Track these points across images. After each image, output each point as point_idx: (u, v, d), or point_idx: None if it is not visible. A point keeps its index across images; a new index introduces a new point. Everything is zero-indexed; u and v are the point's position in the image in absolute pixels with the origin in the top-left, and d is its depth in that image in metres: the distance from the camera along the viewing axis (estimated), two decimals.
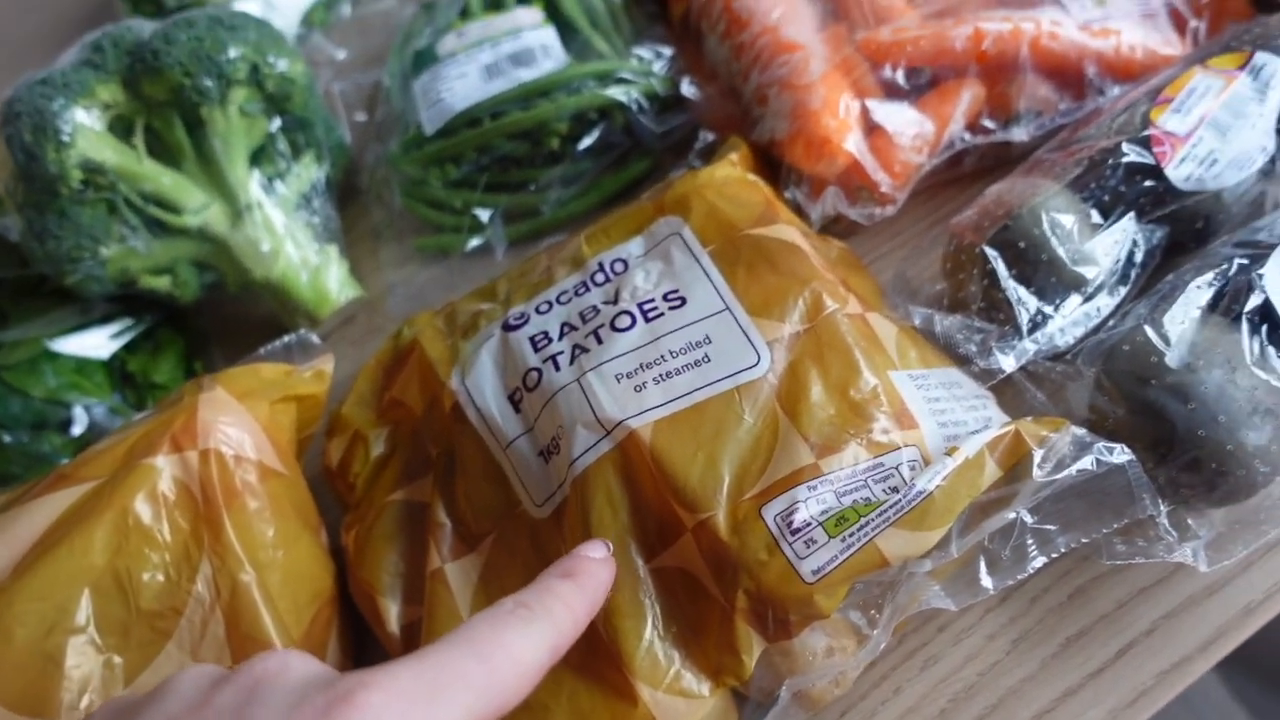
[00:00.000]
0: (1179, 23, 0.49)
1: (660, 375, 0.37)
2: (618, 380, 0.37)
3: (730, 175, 0.45)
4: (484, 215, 0.55)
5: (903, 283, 0.45)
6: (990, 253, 0.40)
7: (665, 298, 0.40)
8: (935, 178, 0.50)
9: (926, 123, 0.47)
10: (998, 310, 0.40)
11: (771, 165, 0.50)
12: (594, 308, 0.41)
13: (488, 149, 0.55)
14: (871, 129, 0.47)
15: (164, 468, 0.36)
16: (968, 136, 0.48)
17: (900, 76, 0.48)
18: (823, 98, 0.46)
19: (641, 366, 0.38)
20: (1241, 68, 0.42)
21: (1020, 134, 0.48)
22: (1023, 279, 0.40)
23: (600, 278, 0.42)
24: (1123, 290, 0.41)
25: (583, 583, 0.30)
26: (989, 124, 0.49)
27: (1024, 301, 0.39)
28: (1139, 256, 0.41)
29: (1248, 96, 0.41)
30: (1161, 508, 0.35)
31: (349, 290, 0.54)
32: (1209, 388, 0.35)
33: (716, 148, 0.52)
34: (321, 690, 0.22)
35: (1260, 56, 0.41)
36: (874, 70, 0.48)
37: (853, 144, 0.46)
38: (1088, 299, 0.40)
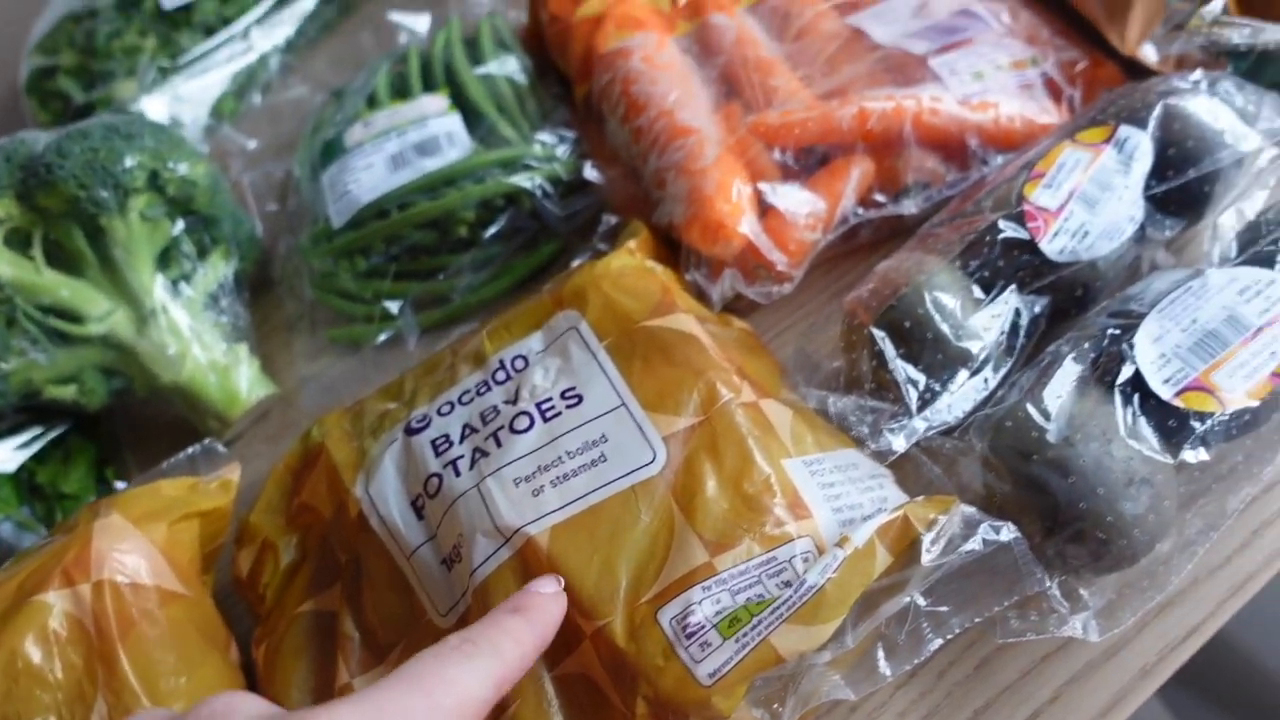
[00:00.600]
0: (1055, 92, 0.51)
1: (558, 478, 0.37)
2: (516, 485, 0.38)
3: (627, 265, 0.46)
4: (394, 307, 0.56)
5: (803, 358, 0.46)
6: (877, 334, 0.41)
7: (563, 396, 0.40)
8: (833, 250, 0.51)
9: (819, 201, 0.49)
10: (888, 390, 0.41)
11: (673, 246, 0.51)
12: (494, 408, 0.41)
13: (396, 239, 0.56)
14: (766, 209, 0.49)
15: (55, 604, 0.36)
16: (860, 211, 0.50)
17: (791, 157, 0.49)
18: (716, 182, 0.48)
19: (539, 469, 0.38)
20: (1107, 141, 0.43)
21: (910, 207, 0.49)
22: (910, 357, 0.41)
23: (501, 375, 0.43)
24: (1009, 360, 0.43)
25: (531, 617, 0.31)
26: (880, 198, 0.50)
27: (912, 380, 0.40)
28: (1023, 327, 0.43)
29: (1113, 169, 0.43)
30: (1051, 581, 0.36)
31: (259, 389, 0.54)
32: (1087, 461, 0.36)
33: (620, 230, 0.53)
34: None
35: (1124, 130, 0.43)
36: (766, 151, 0.49)
37: (747, 226, 0.47)
38: (975, 373, 0.41)
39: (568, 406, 0.40)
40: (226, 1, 0.71)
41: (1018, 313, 0.42)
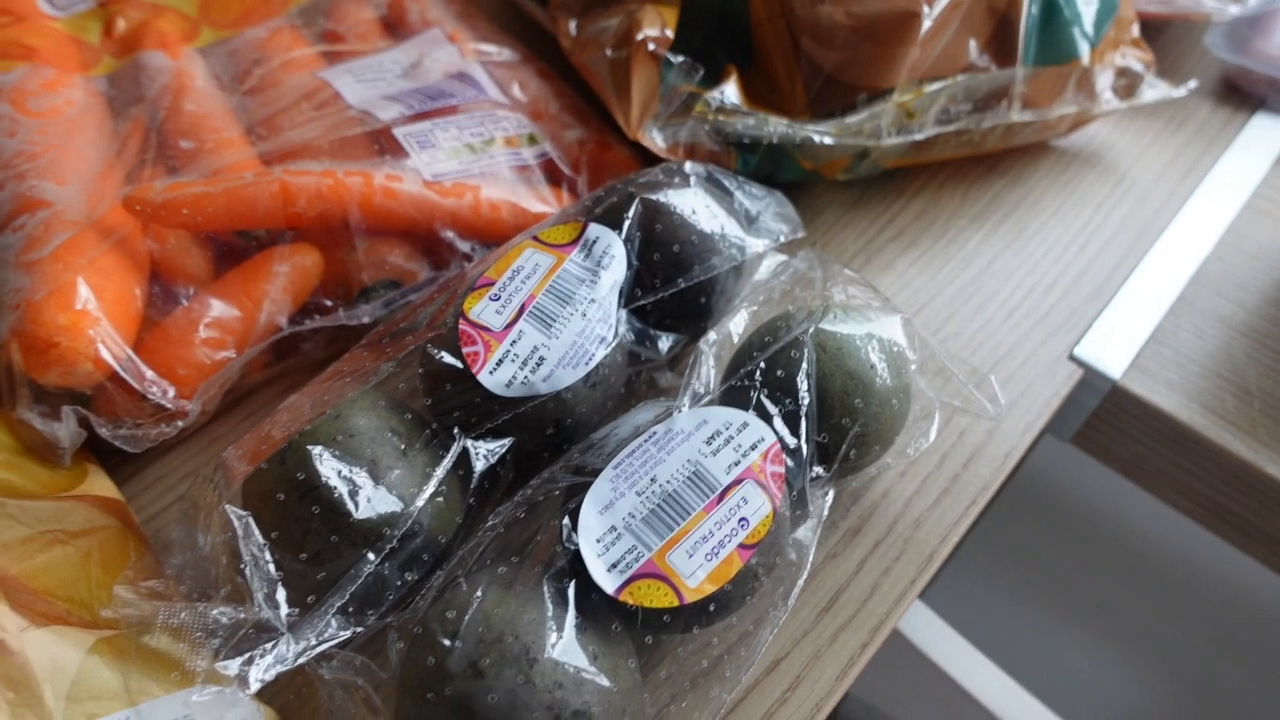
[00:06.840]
0: (555, 176, 0.43)
1: None
2: None
3: None
4: None
5: (189, 531, 0.32)
6: (235, 514, 0.28)
7: None
8: (269, 370, 0.38)
9: (229, 308, 0.36)
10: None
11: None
12: None
13: None
14: (148, 320, 0.35)
15: None
16: (294, 320, 0.37)
17: (191, 246, 0.36)
18: (54, 280, 0.33)
19: None
20: (574, 242, 0.35)
21: (366, 314, 0.38)
22: (286, 543, 0.28)
23: None
24: (459, 521, 0.32)
25: None
26: (328, 302, 0.38)
27: (286, 577, 0.28)
28: (474, 481, 0.32)
29: (578, 277, 0.34)
30: None
31: None
32: (498, 697, 0.25)
33: None
34: None
35: (592, 229, 0.35)
36: (152, 237, 0.36)
37: (105, 346, 0.33)
38: (391, 556, 0.30)
39: None
40: None
41: (462, 462, 0.32)
